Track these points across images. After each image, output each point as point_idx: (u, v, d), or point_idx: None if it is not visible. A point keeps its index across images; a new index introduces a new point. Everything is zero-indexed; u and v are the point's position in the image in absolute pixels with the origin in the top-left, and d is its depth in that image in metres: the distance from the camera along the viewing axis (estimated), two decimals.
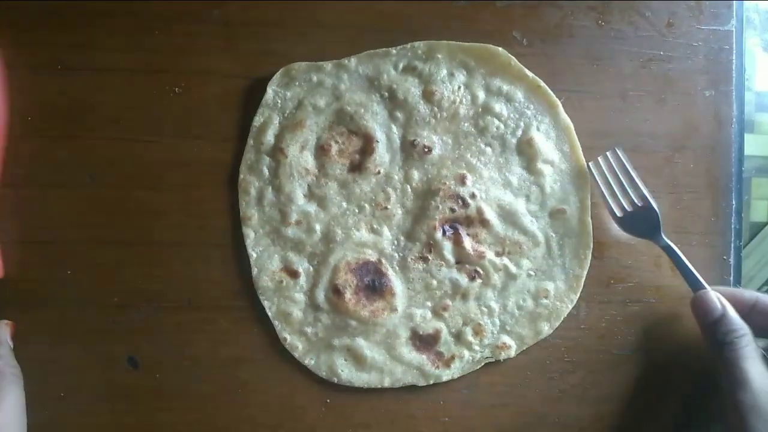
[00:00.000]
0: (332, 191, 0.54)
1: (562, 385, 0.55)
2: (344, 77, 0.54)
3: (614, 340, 0.56)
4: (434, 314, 0.54)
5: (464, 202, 0.53)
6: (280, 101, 0.54)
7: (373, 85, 0.54)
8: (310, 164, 0.54)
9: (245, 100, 0.54)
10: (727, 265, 0.57)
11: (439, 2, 0.55)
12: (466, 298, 0.54)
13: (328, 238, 0.53)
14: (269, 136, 0.54)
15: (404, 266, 0.54)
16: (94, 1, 0.53)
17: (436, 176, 0.54)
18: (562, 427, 0.55)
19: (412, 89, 0.54)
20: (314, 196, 0.54)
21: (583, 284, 0.54)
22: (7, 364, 0.49)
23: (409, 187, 0.54)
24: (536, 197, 0.54)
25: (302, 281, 0.53)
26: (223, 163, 0.54)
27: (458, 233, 0.53)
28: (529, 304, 0.54)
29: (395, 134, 0.54)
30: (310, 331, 0.53)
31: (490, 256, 0.54)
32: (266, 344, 0.54)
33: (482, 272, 0.53)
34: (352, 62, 0.54)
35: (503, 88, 0.54)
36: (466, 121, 0.54)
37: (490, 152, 0.54)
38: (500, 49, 0.54)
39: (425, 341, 0.54)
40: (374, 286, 0.53)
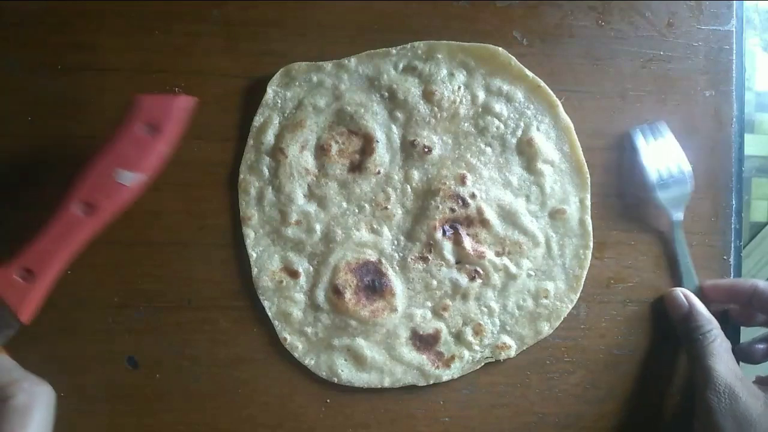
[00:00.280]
0: (332, 191, 0.54)
1: (562, 385, 0.55)
2: (344, 77, 0.54)
3: (614, 340, 0.56)
4: (434, 314, 0.54)
5: (464, 202, 0.53)
6: (280, 101, 0.54)
7: (373, 85, 0.54)
8: (310, 164, 0.54)
9: (245, 100, 0.54)
10: (727, 265, 0.57)
11: (439, 2, 0.55)
12: (466, 298, 0.54)
13: (328, 238, 0.53)
14: (269, 136, 0.54)
15: (404, 266, 0.54)
16: (94, 1, 0.53)
17: (436, 176, 0.54)
18: (562, 427, 0.55)
19: (412, 89, 0.54)
20: (314, 196, 0.54)
21: (583, 284, 0.54)
22: (33, 383, 0.44)
23: (409, 187, 0.54)
24: (536, 197, 0.54)
25: (302, 281, 0.53)
26: (223, 163, 0.54)
27: (458, 233, 0.53)
28: (529, 304, 0.54)
29: (395, 134, 0.54)
30: (310, 331, 0.53)
31: (490, 256, 0.54)
32: (266, 344, 0.54)
33: (482, 272, 0.53)
34: (352, 62, 0.54)
35: (503, 88, 0.54)
36: (466, 121, 0.54)
37: (490, 152, 0.54)
38: (500, 49, 0.54)
39: (425, 341, 0.54)
40: (374, 286, 0.53)
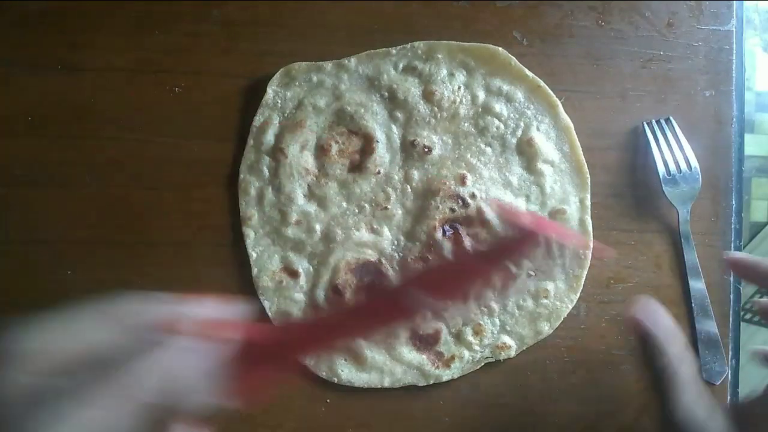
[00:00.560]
0: (332, 191, 0.54)
1: (562, 385, 0.55)
2: (344, 77, 0.54)
3: (614, 340, 0.56)
4: (434, 314, 0.54)
5: (464, 202, 0.53)
6: (280, 101, 0.54)
7: (373, 85, 0.54)
8: (310, 164, 0.54)
9: (245, 100, 0.54)
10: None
11: (439, 2, 0.55)
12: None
13: (328, 238, 0.53)
14: (269, 136, 0.54)
15: (404, 266, 0.54)
16: (94, 0, 0.53)
17: (436, 176, 0.54)
18: (562, 427, 0.55)
19: (412, 89, 0.54)
20: (314, 196, 0.54)
21: (583, 284, 0.54)
22: None
23: (409, 187, 0.54)
24: (536, 197, 0.54)
25: (302, 281, 0.53)
26: (223, 163, 0.54)
27: (458, 233, 0.53)
28: (529, 304, 0.54)
29: (395, 134, 0.54)
30: None
31: None
32: None
33: None
34: (352, 62, 0.54)
35: (503, 88, 0.54)
36: (466, 121, 0.54)
37: (490, 152, 0.54)
38: (500, 49, 0.54)
39: (425, 341, 0.54)
40: (374, 286, 0.53)
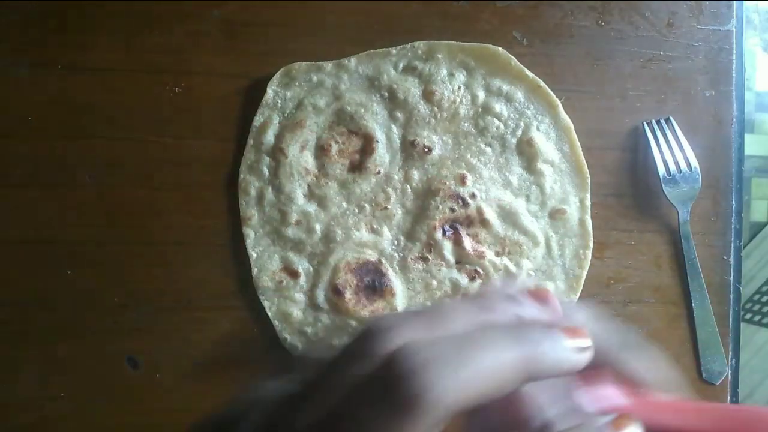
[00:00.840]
0: (332, 191, 0.54)
1: None
2: (344, 77, 0.54)
3: None
4: None
5: (464, 202, 0.53)
6: (280, 101, 0.54)
7: (373, 85, 0.54)
8: (310, 164, 0.54)
9: (245, 100, 0.54)
10: (727, 265, 0.57)
11: (439, 2, 0.55)
12: None
13: (328, 238, 0.53)
14: (269, 136, 0.54)
15: (404, 266, 0.54)
16: (94, 0, 0.53)
17: (436, 176, 0.54)
18: None
19: (412, 89, 0.54)
20: (314, 196, 0.54)
21: (583, 284, 0.54)
22: None
23: (409, 187, 0.54)
24: (536, 197, 0.54)
25: (302, 281, 0.53)
26: (223, 163, 0.54)
27: (458, 233, 0.53)
28: None
29: (395, 134, 0.54)
30: (310, 331, 0.53)
31: (490, 256, 0.54)
32: (266, 344, 0.54)
33: (482, 272, 0.53)
34: (352, 62, 0.54)
35: (503, 88, 0.54)
36: (466, 121, 0.54)
37: (490, 152, 0.54)
38: (500, 49, 0.54)
39: None
40: (374, 286, 0.53)
